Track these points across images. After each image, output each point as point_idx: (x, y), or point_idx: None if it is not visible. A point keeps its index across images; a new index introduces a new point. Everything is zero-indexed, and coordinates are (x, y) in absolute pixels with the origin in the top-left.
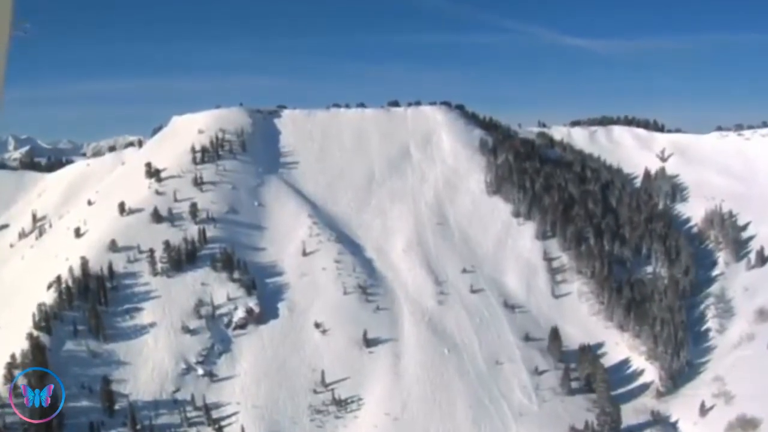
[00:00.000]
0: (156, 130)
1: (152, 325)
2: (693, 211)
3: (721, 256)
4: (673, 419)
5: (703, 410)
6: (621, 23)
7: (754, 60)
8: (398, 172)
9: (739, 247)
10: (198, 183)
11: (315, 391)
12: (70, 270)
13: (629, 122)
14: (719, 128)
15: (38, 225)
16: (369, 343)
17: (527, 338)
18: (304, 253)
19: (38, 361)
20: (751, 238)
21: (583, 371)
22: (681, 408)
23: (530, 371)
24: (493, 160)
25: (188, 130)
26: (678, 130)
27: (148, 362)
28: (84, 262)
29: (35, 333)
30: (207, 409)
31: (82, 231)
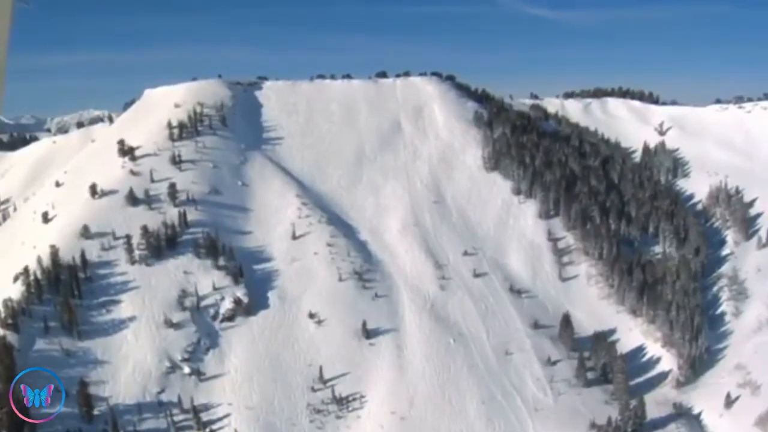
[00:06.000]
0: (128, 105)
1: (131, 319)
2: (696, 187)
3: (730, 235)
4: (696, 411)
5: (729, 401)
6: None
7: (752, 31)
8: (390, 147)
9: (746, 225)
10: (176, 161)
11: (313, 389)
12: (39, 259)
13: (623, 94)
14: (718, 101)
15: (1, 209)
16: (369, 334)
17: (536, 325)
18: (294, 237)
19: (5, 363)
20: (758, 215)
21: (599, 361)
22: (704, 399)
23: (542, 362)
24: (489, 134)
25: (163, 103)
26: (674, 103)
27: (129, 361)
28: (54, 251)
29: (1, 332)
30: (196, 411)
31: (50, 216)
